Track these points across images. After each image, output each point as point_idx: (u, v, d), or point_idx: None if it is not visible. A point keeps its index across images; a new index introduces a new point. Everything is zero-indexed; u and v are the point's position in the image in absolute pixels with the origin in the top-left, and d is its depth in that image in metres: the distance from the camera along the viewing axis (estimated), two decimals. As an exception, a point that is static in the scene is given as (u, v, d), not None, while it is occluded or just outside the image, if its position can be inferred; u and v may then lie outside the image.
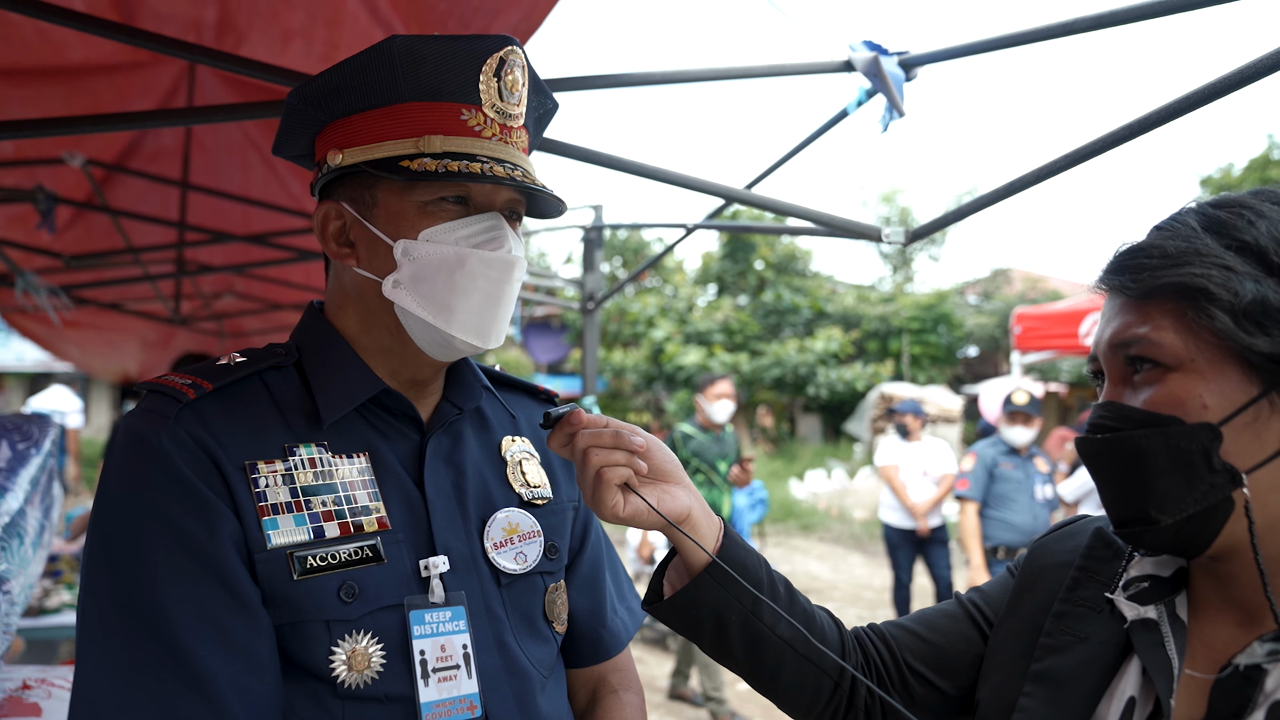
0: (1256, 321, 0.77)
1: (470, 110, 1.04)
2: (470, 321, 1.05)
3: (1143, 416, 0.81)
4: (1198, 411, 0.79)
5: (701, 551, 1.01)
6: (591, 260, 5.19)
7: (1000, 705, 0.96)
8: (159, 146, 3.66)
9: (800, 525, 13.40)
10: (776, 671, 1.04)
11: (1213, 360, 0.79)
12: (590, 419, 1.01)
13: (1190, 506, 0.80)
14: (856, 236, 2.20)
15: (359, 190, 1.07)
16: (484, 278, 1.04)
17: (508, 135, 1.08)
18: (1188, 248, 0.81)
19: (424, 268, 1.03)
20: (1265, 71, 1.38)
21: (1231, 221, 0.81)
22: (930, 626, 1.10)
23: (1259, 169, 18.89)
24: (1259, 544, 0.79)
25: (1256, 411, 0.78)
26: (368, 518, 1.03)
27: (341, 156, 1.05)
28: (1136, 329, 0.83)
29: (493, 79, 1.05)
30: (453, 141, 1.03)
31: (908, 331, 20.89)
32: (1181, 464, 0.79)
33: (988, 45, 1.83)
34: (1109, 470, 0.85)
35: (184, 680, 0.88)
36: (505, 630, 1.09)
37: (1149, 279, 0.82)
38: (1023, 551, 1.10)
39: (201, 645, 0.90)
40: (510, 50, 1.06)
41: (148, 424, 0.97)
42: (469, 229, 1.04)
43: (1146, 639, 0.86)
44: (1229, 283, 0.78)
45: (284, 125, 1.11)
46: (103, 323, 6.36)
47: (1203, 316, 0.79)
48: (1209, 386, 0.79)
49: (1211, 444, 0.78)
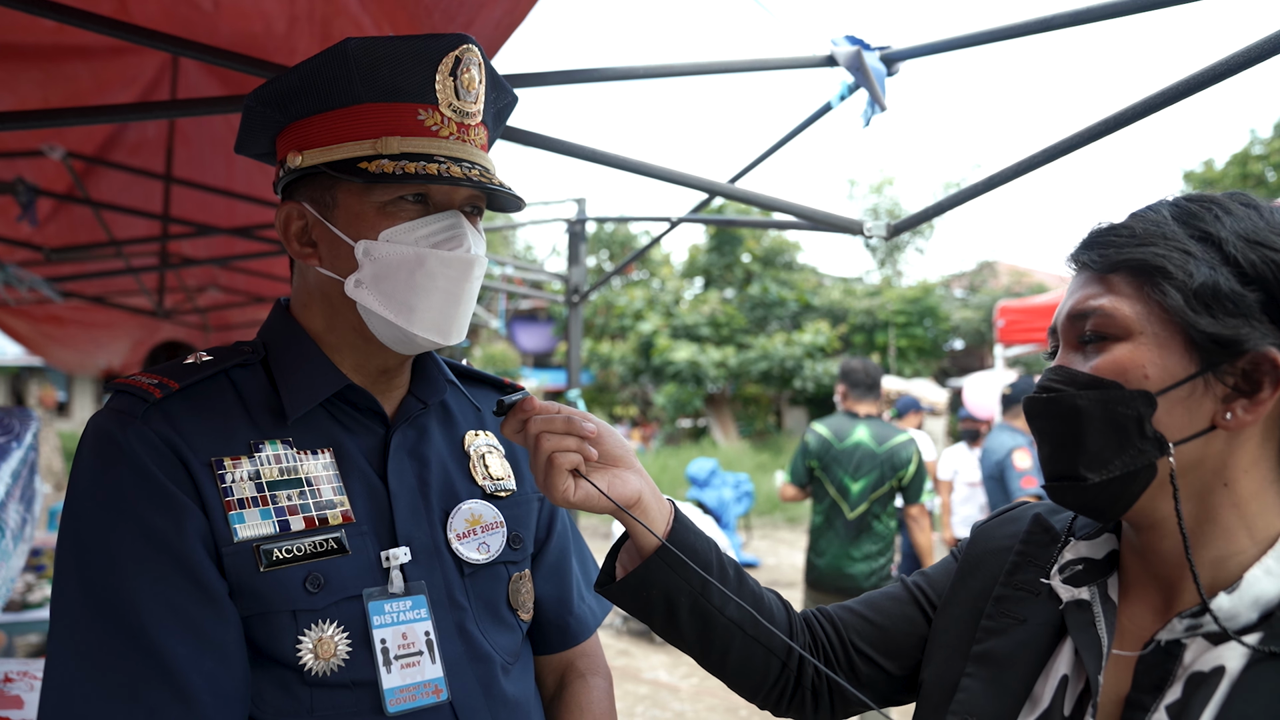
0: (1205, 303, 0.82)
1: (427, 110, 1.06)
2: (431, 319, 1.07)
3: (1087, 379, 0.86)
4: (1139, 380, 0.84)
5: (651, 536, 1.03)
6: (576, 253, 5.19)
7: (943, 685, 1.00)
8: (142, 138, 3.63)
9: (786, 518, 13.46)
10: (725, 652, 1.07)
11: (1160, 334, 0.84)
12: (542, 405, 1.03)
13: (1117, 468, 0.85)
14: (839, 230, 2.22)
15: (319, 191, 1.09)
16: (444, 276, 1.06)
17: (465, 134, 1.09)
18: (1155, 231, 0.87)
19: (385, 267, 1.05)
20: (1242, 66, 1.40)
21: (1200, 214, 0.86)
22: (876, 609, 1.14)
23: (1240, 163, 19.05)
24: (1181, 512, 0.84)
25: (1192, 388, 0.83)
26: (332, 511, 1.05)
27: (301, 158, 1.06)
28: (1096, 299, 0.88)
29: (449, 78, 1.06)
30: (410, 142, 1.04)
31: (894, 325, 20.98)
32: (1115, 427, 0.84)
33: (969, 40, 1.85)
34: (1049, 428, 0.90)
35: (152, 671, 0.91)
36: (467, 618, 1.12)
37: (1113, 254, 0.88)
38: (966, 537, 1.14)
39: (169, 637, 0.92)
40: (466, 49, 1.07)
41: (115, 423, 0.99)
42: (428, 228, 1.06)
43: (1079, 619, 0.91)
44: (1186, 265, 0.83)
45: (244, 126, 1.13)
46: (84, 318, 6.31)
47: (1157, 292, 0.84)
48: (1152, 358, 0.84)
49: (1146, 411, 0.83)
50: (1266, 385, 0.81)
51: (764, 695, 1.11)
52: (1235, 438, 0.83)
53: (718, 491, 10.22)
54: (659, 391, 20.66)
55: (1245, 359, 0.81)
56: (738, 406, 22.70)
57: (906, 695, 1.11)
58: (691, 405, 20.48)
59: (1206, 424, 0.83)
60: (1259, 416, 0.82)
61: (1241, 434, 0.83)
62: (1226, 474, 0.84)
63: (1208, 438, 0.83)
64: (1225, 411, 0.82)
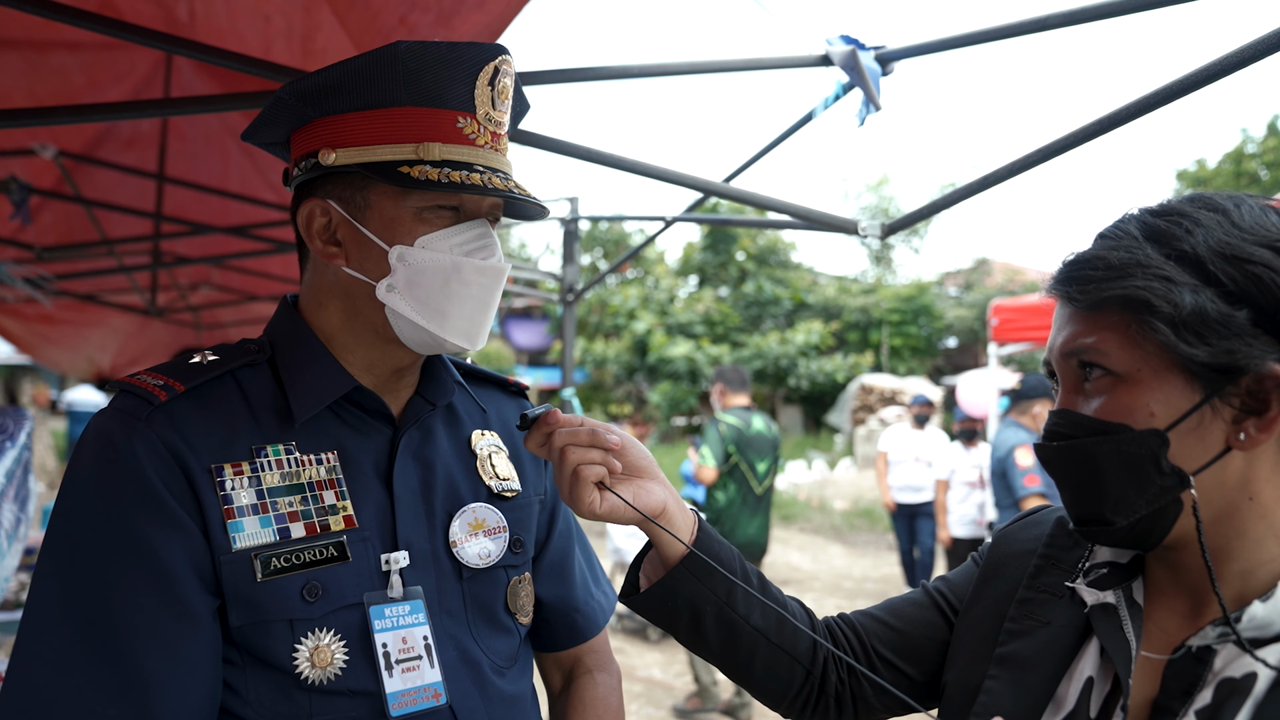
0: (1196, 332, 0.80)
1: (466, 118, 1.06)
2: (463, 326, 1.07)
3: (1094, 425, 0.85)
4: (1145, 419, 0.83)
5: (677, 545, 1.03)
6: (570, 252, 5.18)
7: (966, 688, 0.99)
8: (135, 133, 3.62)
9: (781, 516, 13.48)
10: (750, 660, 1.06)
11: (1157, 370, 0.82)
12: (566, 418, 1.03)
13: (1142, 508, 0.84)
14: (834, 230, 2.22)
15: (350, 191, 1.07)
16: (477, 285, 1.07)
17: (496, 143, 1.09)
18: (1130, 259, 0.84)
19: (419, 273, 1.05)
20: (1235, 67, 1.41)
21: (1170, 230, 0.84)
22: (898, 615, 1.14)
23: (1233, 162, 19.13)
24: (1205, 539, 0.83)
25: (1200, 417, 0.82)
26: (334, 517, 1.05)
27: (335, 156, 1.04)
28: (1084, 340, 0.87)
29: (487, 87, 1.06)
30: (450, 150, 1.04)
31: (888, 323, 21.01)
32: (1132, 469, 0.83)
33: (963, 40, 1.85)
34: (1066, 474, 0.89)
35: (118, 680, 0.91)
36: (459, 624, 1.12)
37: (1094, 291, 0.85)
38: (988, 541, 1.14)
39: (143, 648, 0.92)
40: (504, 59, 1.08)
41: (118, 425, 0.98)
42: (461, 236, 1.06)
43: (1106, 622, 0.90)
44: (1169, 294, 0.81)
45: (266, 115, 1.10)
46: (76, 318, 6.26)
47: (1146, 329, 0.82)
48: (1154, 395, 0.82)
49: (1159, 449, 0.82)
50: (1274, 402, 0.79)
51: (788, 703, 1.11)
52: (1253, 452, 0.82)
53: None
54: (653, 390, 20.67)
55: (1248, 379, 0.80)
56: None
57: (928, 700, 1.10)
58: (686, 403, 20.48)
59: (1221, 447, 0.82)
60: (1273, 433, 0.80)
61: (1258, 448, 0.82)
62: (1250, 488, 0.83)
63: (1225, 459, 0.82)
64: (1238, 432, 0.81)
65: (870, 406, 18.52)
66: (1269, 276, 0.79)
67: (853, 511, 13.58)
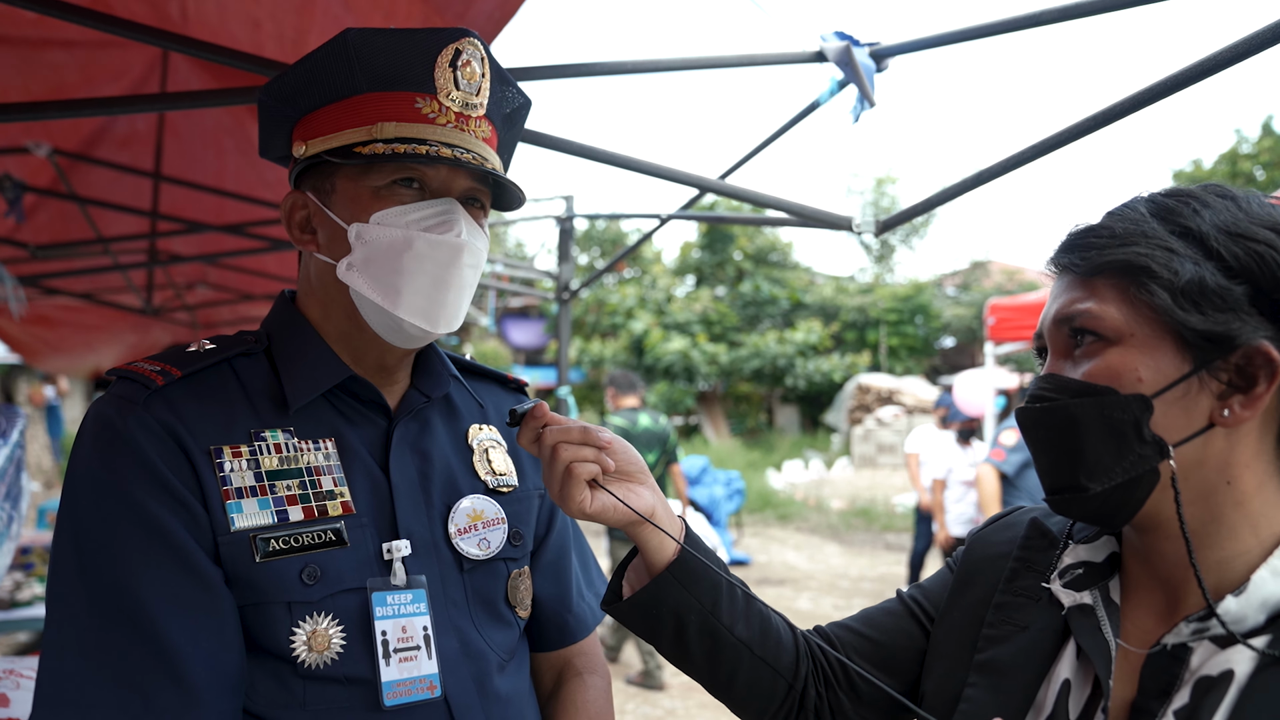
0: (1193, 300, 0.80)
1: (425, 99, 1.06)
2: (418, 304, 1.06)
3: (1080, 387, 0.84)
4: (1132, 384, 0.82)
5: (662, 553, 1.02)
6: (565, 250, 5.18)
7: (945, 696, 0.98)
8: (131, 131, 3.60)
9: (777, 515, 13.48)
10: (733, 673, 1.05)
11: (1150, 335, 0.82)
12: (556, 416, 1.03)
13: (1118, 475, 0.83)
14: (828, 226, 2.22)
15: (320, 179, 1.09)
16: (431, 260, 1.05)
17: (465, 124, 1.08)
18: (1135, 229, 0.85)
19: (374, 250, 1.05)
20: (1230, 61, 1.41)
21: (1178, 209, 0.85)
22: (873, 625, 1.12)
23: (1228, 162, 19.16)
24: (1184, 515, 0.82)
25: (1187, 388, 0.81)
26: (332, 502, 1.05)
27: (305, 148, 1.08)
28: (1081, 303, 0.86)
29: (448, 68, 1.06)
30: (406, 128, 1.05)
31: (885, 322, 21.03)
32: (1113, 433, 0.82)
33: (957, 36, 1.85)
34: (1045, 438, 0.88)
35: (151, 656, 0.91)
36: (463, 614, 1.11)
37: (1096, 256, 0.86)
38: (961, 547, 1.13)
39: (169, 622, 0.92)
40: (466, 41, 1.07)
41: (117, 409, 0.98)
42: (420, 213, 1.06)
43: (1084, 623, 0.89)
44: (1170, 263, 0.81)
45: (261, 125, 1.14)
46: (75, 319, 6.24)
47: (1143, 292, 0.82)
48: (1145, 360, 0.82)
49: (1143, 415, 0.81)
50: (1262, 379, 0.79)
51: (769, 717, 1.09)
52: (1235, 434, 0.82)
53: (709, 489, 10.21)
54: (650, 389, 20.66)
55: (1238, 354, 0.80)
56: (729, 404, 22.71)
57: (908, 711, 1.08)
58: (683, 403, 20.49)
59: (1205, 422, 0.81)
60: (1257, 411, 0.80)
61: (1241, 429, 0.82)
62: (1229, 471, 0.83)
63: (1207, 436, 0.82)
64: (1223, 408, 0.81)
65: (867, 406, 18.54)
66: (1271, 256, 0.79)
67: (849, 511, 13.58)
